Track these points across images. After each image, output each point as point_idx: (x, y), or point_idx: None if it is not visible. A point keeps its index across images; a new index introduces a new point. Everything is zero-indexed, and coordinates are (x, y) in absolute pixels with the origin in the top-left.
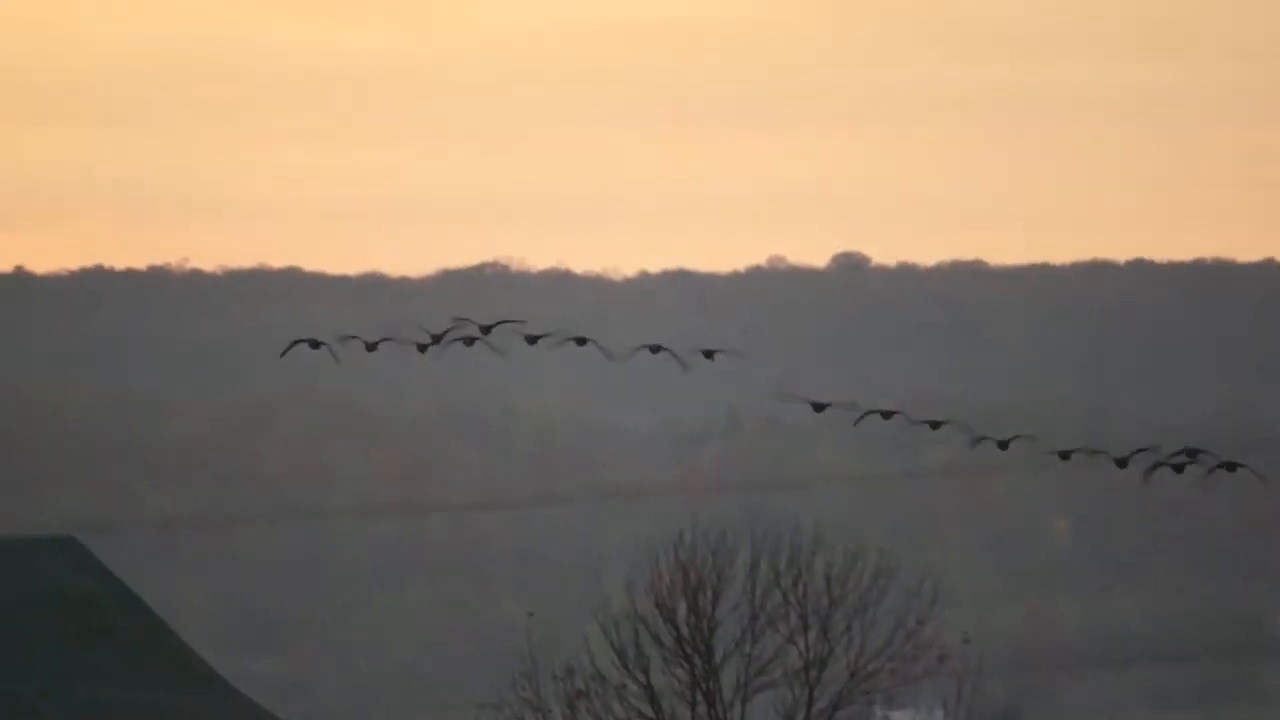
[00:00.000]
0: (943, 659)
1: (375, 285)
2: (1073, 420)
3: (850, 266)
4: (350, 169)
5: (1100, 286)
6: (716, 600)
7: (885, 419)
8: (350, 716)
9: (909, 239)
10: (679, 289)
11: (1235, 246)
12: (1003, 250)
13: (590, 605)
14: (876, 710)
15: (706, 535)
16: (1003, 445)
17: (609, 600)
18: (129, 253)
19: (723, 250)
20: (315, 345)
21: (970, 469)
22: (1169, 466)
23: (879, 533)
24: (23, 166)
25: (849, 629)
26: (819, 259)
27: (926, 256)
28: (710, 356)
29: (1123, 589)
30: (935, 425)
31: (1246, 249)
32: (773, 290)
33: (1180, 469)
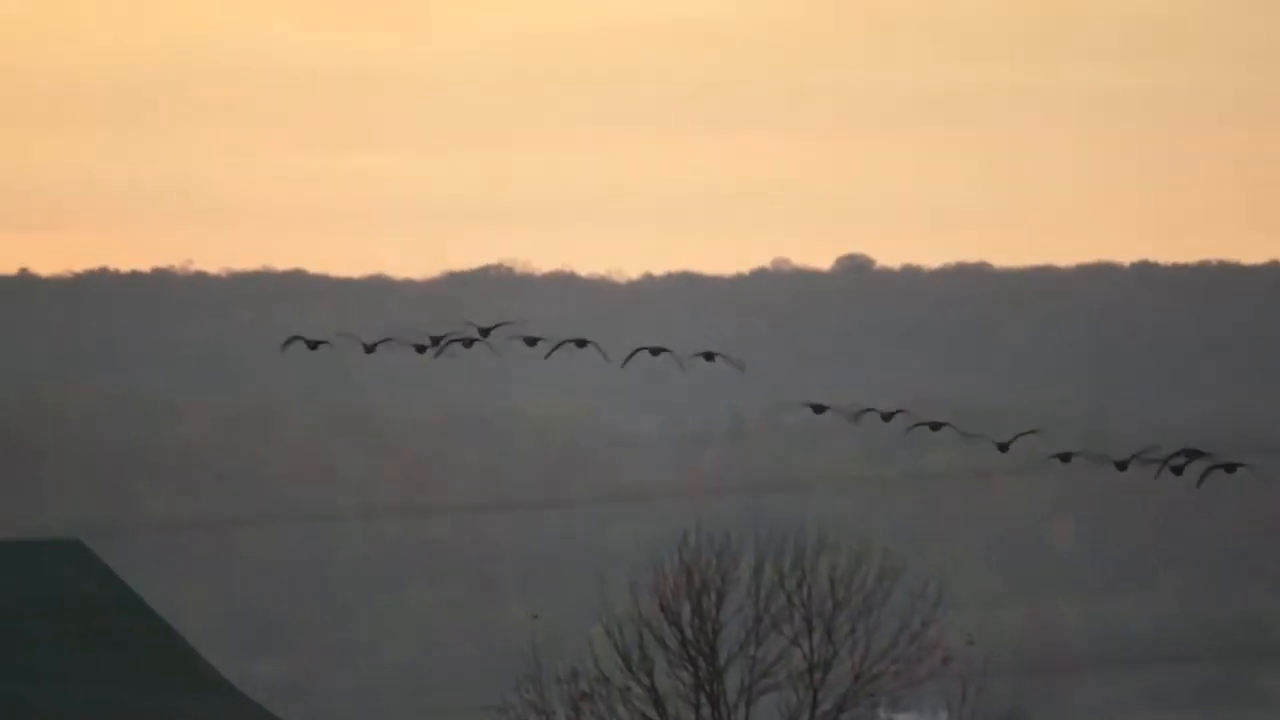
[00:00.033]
0: (947, 661)
1: (379, 287)
2: (1076, 422)
3: (854, 268)
4: (354, 171)
5: (1104, 289)
6: (721, 602)
7: (886, 420)
8: (353, 718)
9: (913, 241)
10: (683, 291)
11: (1239, 249)
12: (1007, 252)
13: (594, 607)
14: (881, 713)
15: (710, 537)
16: (1003, 447)
17: (613, 602)
18: (133, 255)
19: (727, 252)
20: (313, 346)
21: (973, 470)
22: (1170, 469)
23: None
24: (27, 169)
25: (853, 631)
26: (823, 261)
27: (931, 259)
28: (710, 359)
29: (1126, 590)
30: (935, 426)
31: (1251, 251)
32: (777, 292)
33: (1180, 470)
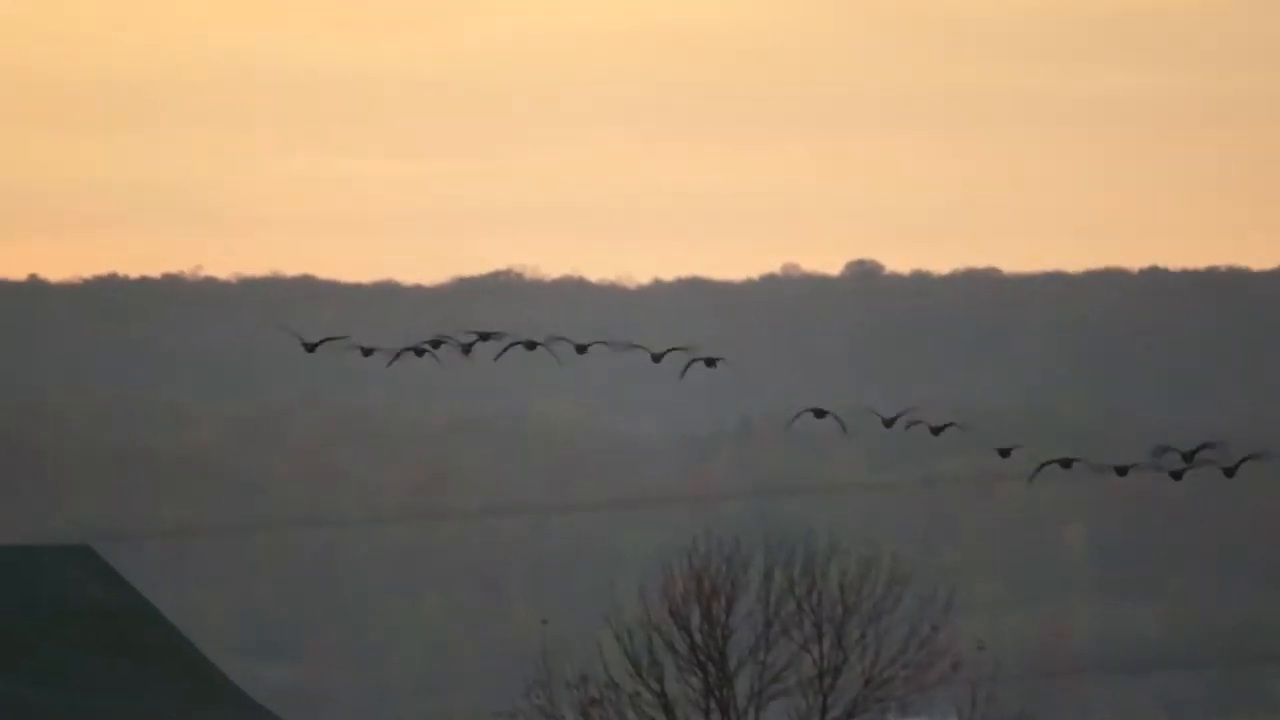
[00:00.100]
0: (957, 666)
1: (389, 293)
2: (1086, 427)
3: (864, 274)
4: (364, 177)
5: (1114, 294)
6: (730, 608)
7: (887, 426)
8: None
9: (923, 247)
10: (693, 296)
11: (1249, 254)
12: (1017, 258)
13: (604, 613)
14: (891, 718)
15: (720, 543)
16: (1004, 453)
17: (623, 608)
18: (143, 261)
19: (737, 258)
20: (311, 348)
21: (982, 475)
22: (1169, 474)
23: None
24: (37, 174)
25: (863, 636)
26: (833, 267)
27: (940, 264)
28: (711, 364)
29: (1136, 595)
30: (937, 430)
31: (1261, 257)
32: (786, 298)
33: (1179, 475)
